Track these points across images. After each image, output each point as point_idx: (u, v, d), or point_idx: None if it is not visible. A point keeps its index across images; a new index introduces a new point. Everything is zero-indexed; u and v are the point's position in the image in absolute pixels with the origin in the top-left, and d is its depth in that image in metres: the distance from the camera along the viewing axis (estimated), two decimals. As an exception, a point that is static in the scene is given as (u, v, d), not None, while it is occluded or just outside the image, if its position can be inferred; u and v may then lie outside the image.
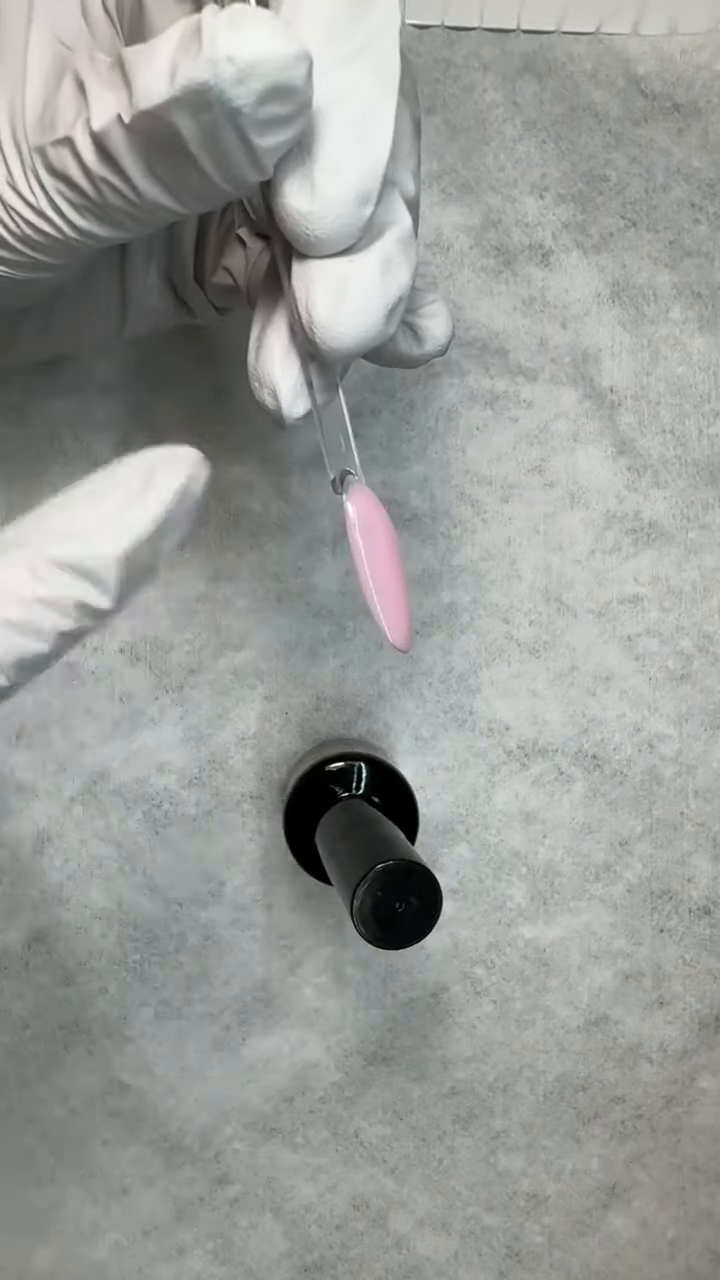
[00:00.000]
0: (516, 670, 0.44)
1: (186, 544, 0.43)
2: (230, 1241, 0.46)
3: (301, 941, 0.44)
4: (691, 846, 0.45)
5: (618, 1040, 0.46)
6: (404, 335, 0.30)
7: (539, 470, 0.43)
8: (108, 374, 0.42)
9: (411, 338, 0.30)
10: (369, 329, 0.25)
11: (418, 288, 0.29)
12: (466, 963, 0.45)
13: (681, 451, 0.43)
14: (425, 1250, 0.47)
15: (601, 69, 0.41)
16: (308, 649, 0.43)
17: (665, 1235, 0.47)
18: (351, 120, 0.24)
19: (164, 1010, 0.44)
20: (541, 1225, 0.47)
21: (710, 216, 0.42)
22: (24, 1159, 0.45)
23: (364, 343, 0.25)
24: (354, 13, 0.24)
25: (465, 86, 0.41)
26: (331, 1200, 0.46)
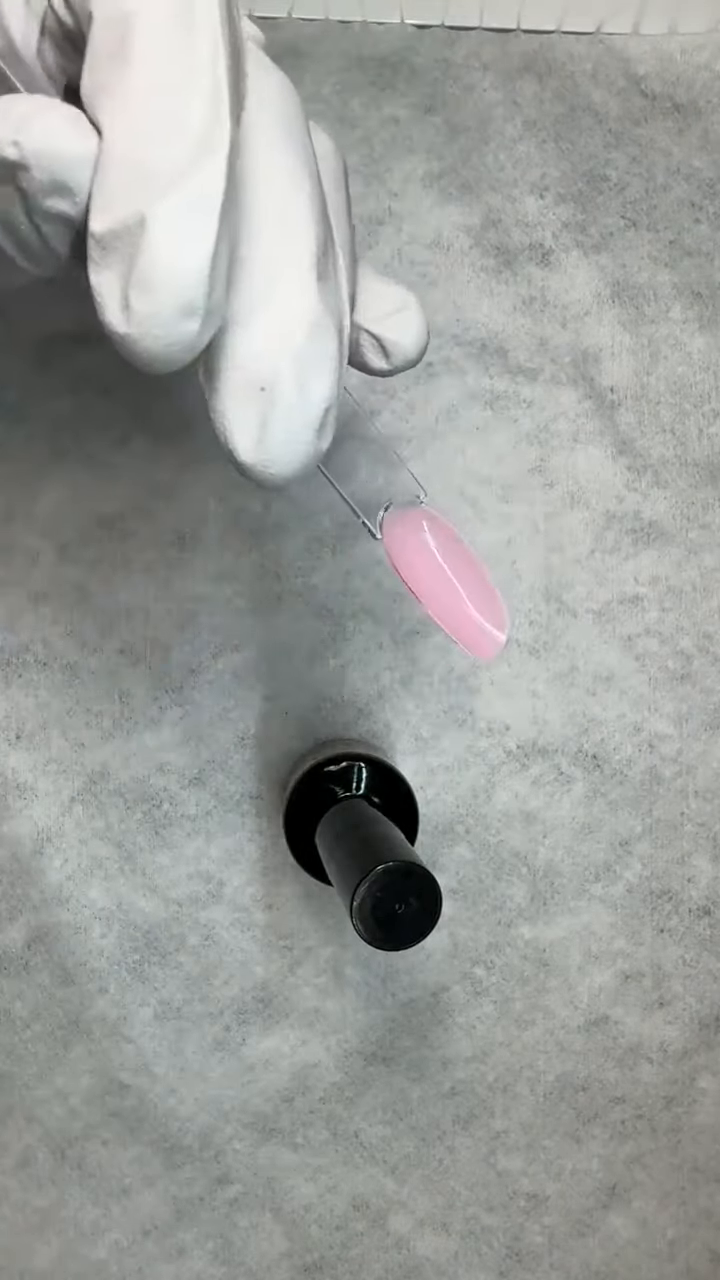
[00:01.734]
0: (516, 670, 0.44)
1: (187, 544, 0.43)
2: (230, 1241, 0.46)
3: (301, 941, 0.44)
4: (691, 846, 0.45)
5: (618, 1040, 0.46)
6: (370, 350, 0.28)
7: (539, 470, 0.43)
8: (107, 373, 0.42)
9: (378, 352, 0.28)
10: (300, 458, 0.23)
11: (381, 287, 0.27)
12: (466, 963, 0.45)
13: (681, 451, 0.43)
14: (425, 1250, 0.47)
15: (601, 69, 0.41)
16: (308, 649, 0.43)
17: (665, 1235, 0.47)
18: (170, 217, 0.20)
19: (164, 1010, 0.44)
20: (541, 1225, 0.47)
21: (710, 216, 0.42)
22: (24, 1159, 0.45)
23: (301, 469, 0.23)
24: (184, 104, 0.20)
25: (465, 86, 0.41)
26: (331, 1200, 0.46)
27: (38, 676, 0.43)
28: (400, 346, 0.28)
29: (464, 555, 0.28)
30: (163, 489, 0.42)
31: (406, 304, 0.28)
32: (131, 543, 0.42)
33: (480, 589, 0.28)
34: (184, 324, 0.21)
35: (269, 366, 0.22)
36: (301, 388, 0.22)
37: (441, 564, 0.28)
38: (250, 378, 0.22)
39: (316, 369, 0.22)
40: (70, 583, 0.42)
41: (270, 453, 0.22)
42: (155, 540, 0.43)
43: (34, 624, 0.43)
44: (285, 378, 0.22)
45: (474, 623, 0.28)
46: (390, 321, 0.27)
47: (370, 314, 0.27)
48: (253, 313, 0.22)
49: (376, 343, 0.28)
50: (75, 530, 0.42)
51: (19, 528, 0.42)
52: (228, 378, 0.22)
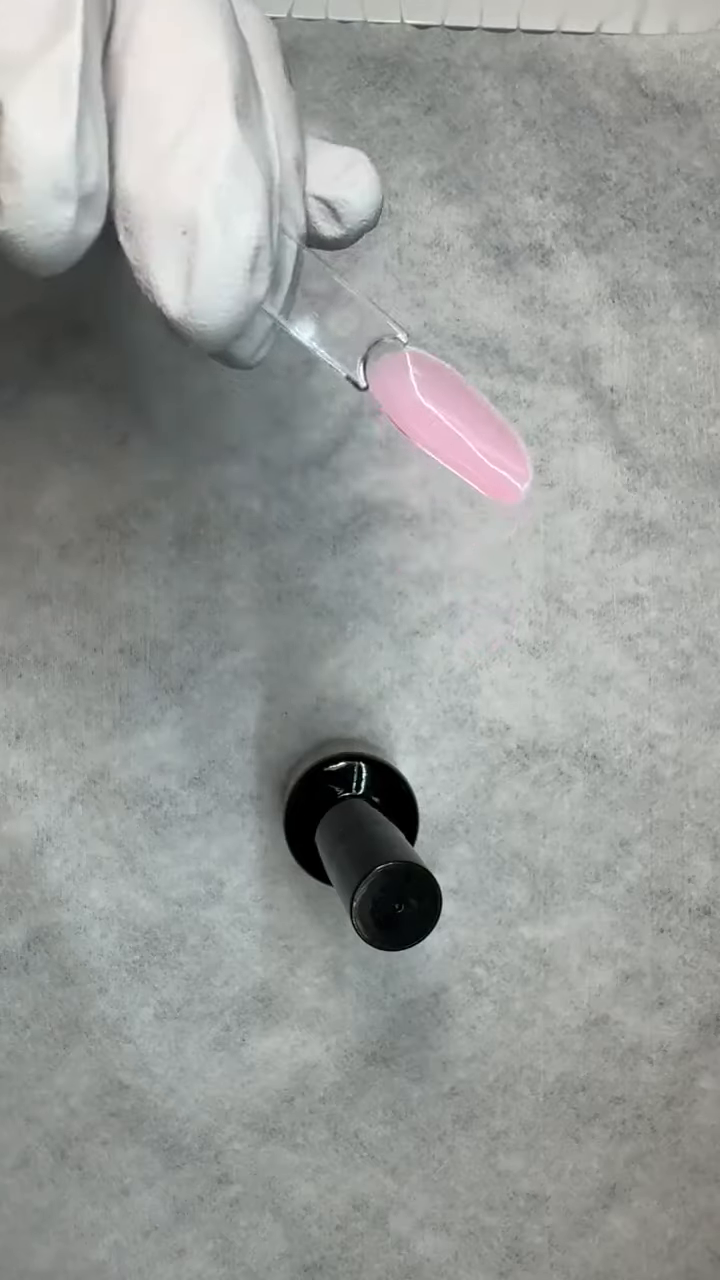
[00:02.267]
0: (516, 670, 0.44)
1: (187, 544, 0.43)
2: (230, 1241, 0.46)
3: (301, 941, 0.44)
4: (691, 846, 0.45)
5: (618, 1040, 0.46)
6: (320, 217, 0.26)
7: (539, 470, 0.43)
8: (107, 372, 0.42)
9: (329, 216, 0.26)
10: (233, 304, 0.21)
11: (327, 151, 0.26)
12: (466, 963, 0.45)
13: (681, 451, 0.43)
14: (425, 1250, 0.47)
15: (601, 69, 0.41)
16: (308, 649, 0.43)
17: (665, 1235, 0.47)
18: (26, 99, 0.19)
19: (164, 1010, 0.44)
20: (541, 1225, 0.47)
21: (710, 216, 0.42)
22: (24, 1159, 0.45)
23: (237, 318, 0.21)
24: None
25: (465, 86, 0.41)
26: (331, 1200, 0.46)
27: (38, 676, 0.43)
28: (350, 205, 0.26)
29: (462, 393, 0.26)
30: (163, 489, 0.42)
31: (354, 160, 0.26)
32: (131, 543, 0.42)
33: (487, 427, 0.26)
34: (58, 210, 0.20)
35: (187, 206, 0.20)
36: (225, 224, 0.21)
37: (435, 408, 0.25)
38: (169, 221, 0.21)
39: (239, 204, 0.21)
40: (70, 583, 0.42)
41: (200, 300, 0.21)
42: (155, 540, 0.43)
43: (34, 624, 0.43)
44: (206, 215, 0.20)
45: (485, 466, 0.25)
46: (338, 180, 0.26)
47: (316, 179, 0.26)
48: (166, 155, 0.21)
49: (325, 207, 0.26)
50: (75, 530, 0.42)
51: (19, 528, 0.42)
52: (145, 227, 0.21)
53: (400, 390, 0.25)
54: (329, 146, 0.26)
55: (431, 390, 0.26)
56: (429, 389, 0.26)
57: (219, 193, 0.20)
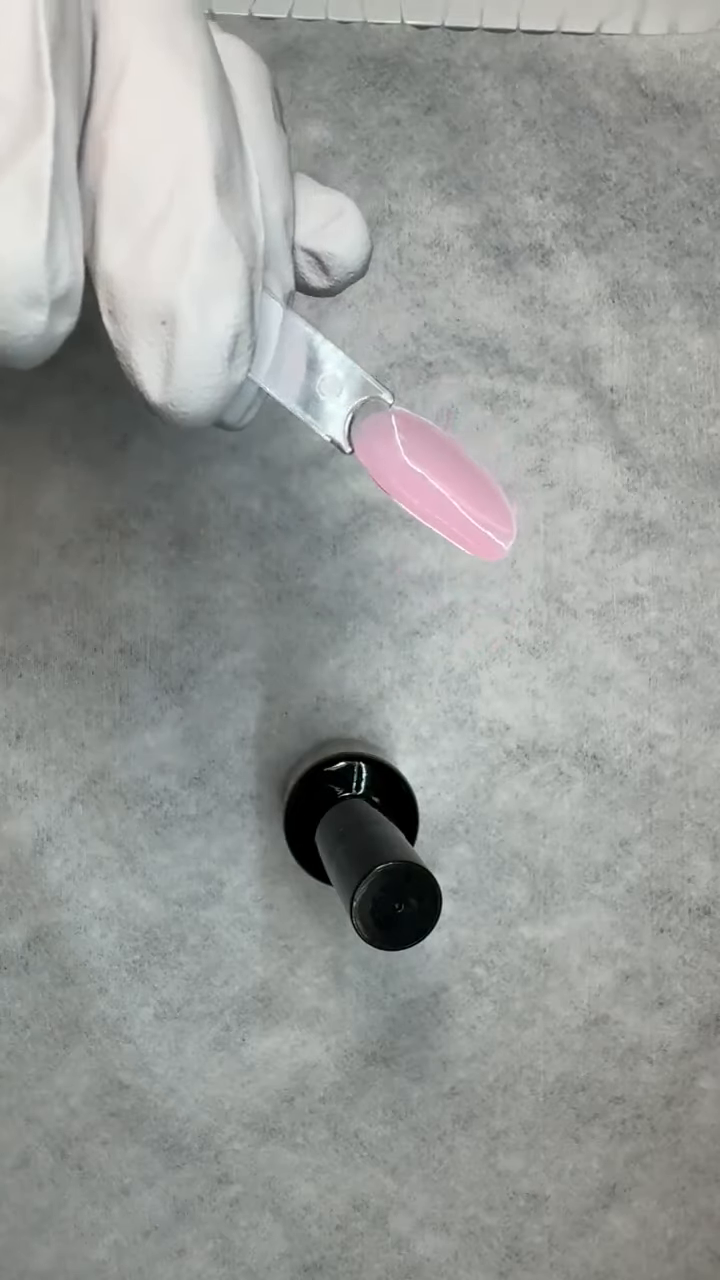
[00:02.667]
0: (516, 670, 0.44)
1: (187, 544, 0.43)
2: (230, 1241, 0.46)
3: (301, 941, 0.44)
4: (691, 846, 0.45)
5: (618, 1040, 0.46)
6: (307, 269, 0.26)
7: (539, 470, 0.43)
8: (108, 375, 0.42)
9: (317, 268, 0.26)
10: (211, 394, 0.21)
11: (316, 198, 0.25)
12: (466, 963, 0.45)
13: (681, 451, 0.43)
14: (425, 1250, 0.47)
15: (601, 69, 0.41)
16: (308, 649, 0.43)
17: (665, 1235, 0.47)
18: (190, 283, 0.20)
19: (164, 1010, 0.44)
20: (541, 1225, 0.47)
21: (710, 216, 0.42)
22: (24, 1159, 0.45)
23: (214, 406, 0.21)
24: None
25: (465, 86, 0.41)
26: (331, 1200, 0.46)
27: (38, 676, 0.43)
28: (337, 258, 0.25)
29: (448, 453, 0.25)
30: (163, 489, 0.42)
31: (342, 210, 0.25)
32: (131, 543, 0.42)
33: (473, 486, 0.25)
34: (30, 315, 0.20)
35: (165, 297, 0.20)
36: (202, 315, 0.20)
37: (420, 470, 0.25)
38: (149, 312, 0.21)
39: (217, 292, 0.20)
40: (70, 583, 0.43)
41: (179, 390, 0.21)
42: (155, 540, 0.43)
43: (34, 624, 0.43)
44: (183, 306, 0.20)
45: (470, 527, 0.25)
46: (325, 232, 0.25)
47: (304, 230, 0.25)
48: (145, 240, 0.20)
49: (312, 259, 0.25)
50: (75, 530, 0.42)
51: (19, 528, 0.42)
52: (126, 314, 0.21)
53: (385, 453, 0.25)
54: (317, 190, 0.26)
55: (417, 451, 0.25)
56: (414, 450, 0.25)
57: (196, 282, 0.20)
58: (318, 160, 0.41)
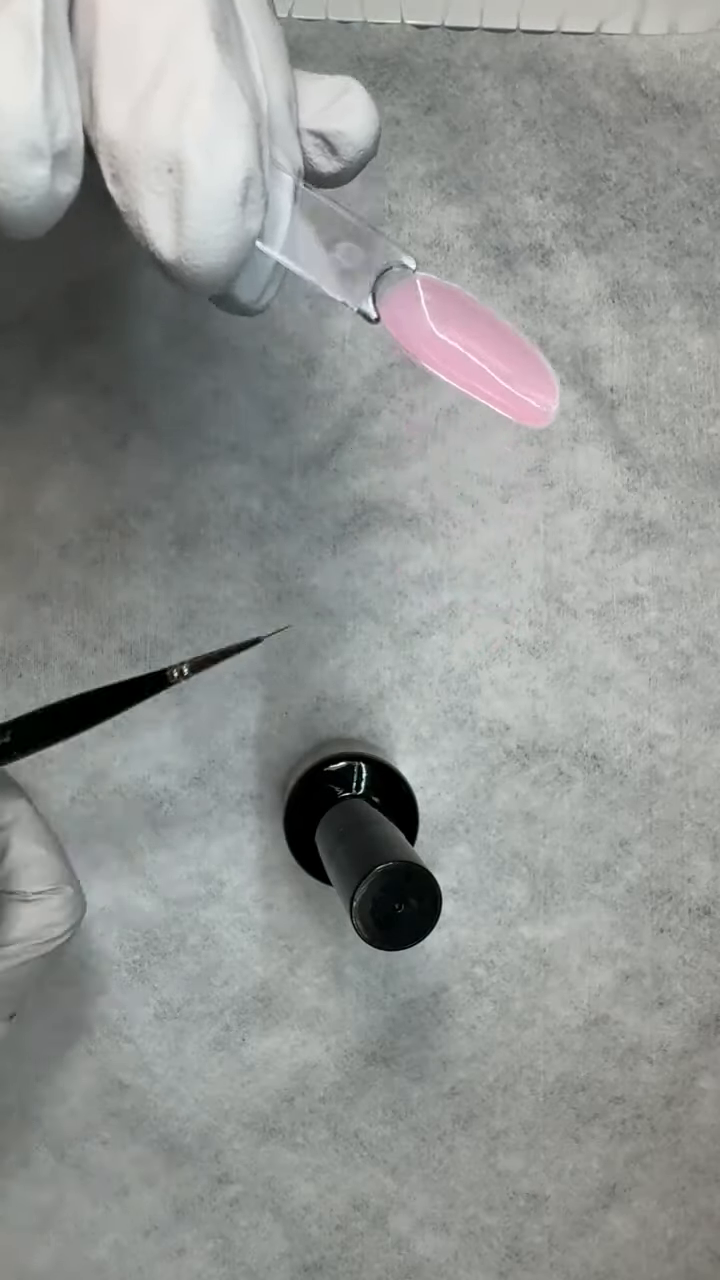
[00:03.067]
0: (516, 670, 0.44)
1: (187, 544, 0.43)
2: (230, 1241, 0.46)
3: (301, 941, 0.44)
4: (691, 846, 0.45)
5: (618, 1040, 0.46)
6: (315, 152, 0.25)
7: (539, 470, 0.43)
8: (107, 373, 0.42)
9: (325, 151, 0.25)
10: (226, 241, 0.20)
11: (318, 82, 0.24)
12: (466, 963, 0.45)
13: (681, 451, 0.43)
14: (425, 1250, 0.47)
15: (601, 69, 0.41)
16: (308, 649, 0.43)
17: (665, 1235, 0.47)
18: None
19: (164, 1010, 0.44)
20: (541, 1225, 0.47)
21: (710, 216, 0.42)
22: (24, 1159, 0.45)
23: (231, 256, 0.20)
24: None
25: (465, 86, 0.41)
26: (331, 1200, 0.46)
27: (38, 676, 0.43)
28: (344, 135, 0.24)
29: (478, 316, 0.24)
30: (163, 489, 0.42)
31: (346, 87, 0.24)
32: (131, 543, 0.42)
33: (508, 349, 0.24)
34: (31, 169, 0.19)
35: (170, 143, 0.19)
36: (210, 157, 0.19)
37: (450, 337, 0.24)
38: (154, 161, 0.20)
39: (224, 133, 0.19)
40: (70, 583, 0.42)
41: (191, 239, 0.20)
42: (155, 540, 0.43)
43: (34, 624, 0.43)
44: (190, 149, 0.19)
45: (508, 392, 0.24)
46: (330, 111, 0.24)
47: (308, 113, 0.24)
48: (145, 92, 0.20)
49: (320, 141, 0.24)
50: (75, 530, 0.42)
51: (19, 528, 0.42)
52: (130, 169, 0.20)
53: (413, 319, 0.24)
54: (318, 78, 0.25)
55: (445, 316, 0.24)
56: (443, 315, 0.24)
57: (201, 125, 0.19)
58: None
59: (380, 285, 0.24)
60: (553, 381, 0.25)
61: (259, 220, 0.20)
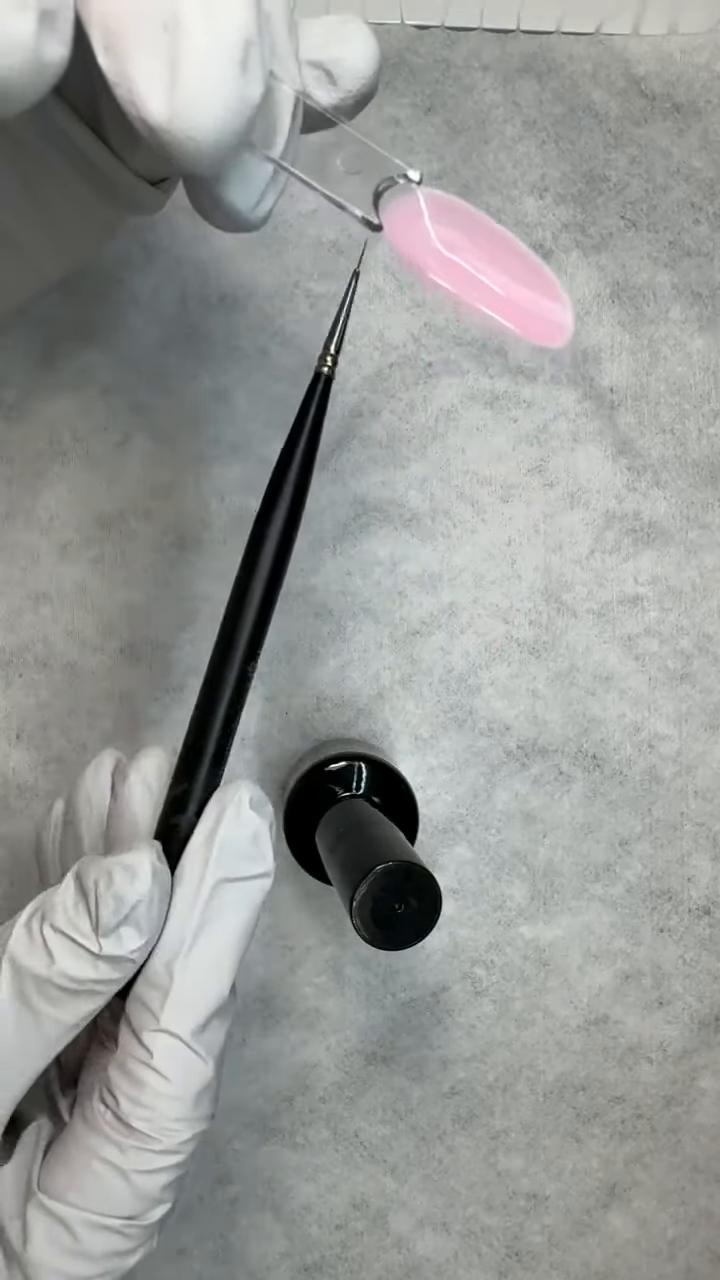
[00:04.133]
0: (516, 670, 0.44)
1: (187, 544, 0.43)
2: (230, 1241, 0.46)
3: (301, 941, 0.44)
4: (691, 846, 0.45)
5: (618, 1040, 0.46)
6: (315, 85, 0.23)
7: (539, 470, 0.43)
8: (108, 374, 0.42)
9: (325, 81, 0.23)
10: (224, 103, 0.19)
11: (316, 20, 0.24)
12: (466, 963, 0.45)
13: (681, 451, 0.43)
14: (425, 1250, 0.47)
15: (601, 69, 0.41)
16: (308, 649, 0.43)
17: (665, 1235, 0.47)
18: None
19: (164, 1010, 0.44)
20: (541, 1225, 0.47)
21: (710, 216, 0.42)
22: (24, 1159, 0.45)
23: (229, 121, 0.19)
24: None
25: (465, 86, 0.41)
26: (331, 1200, 0.46)
27: (38, 676, 0.43)
28: (344, 63, 0.23)
29: (485, 230, 0.24)
30: (163, 489, 0.42)
31: (346, 19, 0.23)
32: (131, 543, 0.42)
33: (516, 264, 0.24)
34: (15, 21, 0.18)
35: None
36: (210, 13, 0.18)
37: (455, 248, 0.23)
38: (149, 21, 0.18)
39: None
40: (70, 582, 0.42)
41: (188, 100, 0.18)
42: (155, 540, 0.43)
43: (34, 624, 0.43)
44: (189, 5, 0.18)
45: (518, 308, 0.23)
46: (330, 40, 0.23)
47: (307, 45, 0.23)
48: None
49: (320, 71, 0.23)
50: (75, 530, 0.42)
51: (19, 527, 0.42)
52: (123, 32, 0.18)
53: (416, 231, 0.23)
54: (318, 19, 0.24)
55: (451, 229, 0.23)
56: (447, 228, 0.23)
57: None
58: (318, 160, 0.41)
59: (383, 199, 0.23)
60: (563, 296, 0.24)
61: (257, 91, 0.19)
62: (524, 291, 0.24)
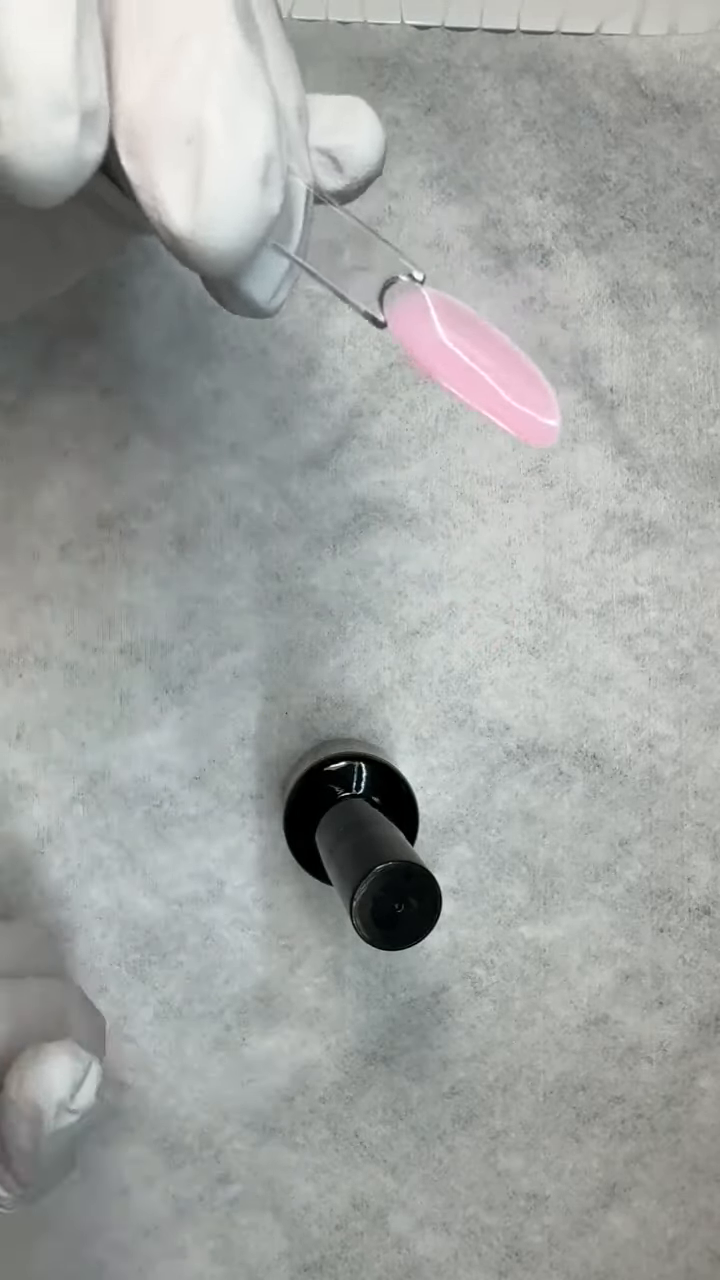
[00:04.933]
0: (516, 670, 0.44)
1: (187, 544, 0.43)
2: (230, 1241, 0.46)
3: (301, 941, 0.44)
4: (691, 846, 0.45)
5: (618, 1040, 0.46)
6: (323, 169, 0.24)
7: (539, 470, 0.43)
8: (108, 374, 0.42)
9: (331, 168, 0.24)
10: (244, 216, 0.19)
11: (322, 100, 0.24)
12: (466, 963, 0.45)
13: (681, 451, 0.43)
14: (425, 1250, 0.47)
15: (601, 69, 0.41)
16: (308, 649, 0.43)
17: (665, 1235, 0.47)
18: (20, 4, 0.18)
19: (164, 1010, 0.45)
20: (541, 1225, 0.47)
21: (710, 216, 0.42)
22: (24, 1159, 0.45)
23: (248, 232, 0.20)
24: None
25: (465, 87, 0.41)
26: (331, 1200, 0.46)
27: (38, 676, 0.43)
28: (351, 150, 0.24)
29: (484, 334, 0.25)
30: (163, 489, 0.42)
31: (353, 105, 0.24)
32: (131, 543, 0.42)
33: (513, 369, 0.25)
34: (59, 126, 0.18)
35: (192, 113, 0.19)
36: (233, 130, 0.19)
37: (457, 348, 0.24)
38: (173, 131, 0.19)
39: (247, 108, 0.19)
40: (70, 582, 0.43)
41: (208, 213, 0.19)
42: (155, 540, 0.43)
43: (34, 624, 0.43)
44: (212, 121, 0.19)
45: (515, 409, 0.24)
46: (337, 127, 0.24)
47: (315, 129, 0.24)
48: (168, 62, 0.19)
49: (326, 158, 0.24)
50: (75, 530, 0.42)
51: (19, 528, 0.42)
52: (148, 139, 0.19)
53: (421, 329, 0.24)
54: (323, 97, 0.25)
55: (453, 331, 0.24)
56: (450, 329, 0.24)
57: (224, 96, 0.19)
58: (318, 160, 0.41)
59: (388, 294, 0.24)
60: (554, 403, 0.25)
61: (277, 203, 0.20)
62: (521, 395, 0.25)
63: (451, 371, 0.25)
